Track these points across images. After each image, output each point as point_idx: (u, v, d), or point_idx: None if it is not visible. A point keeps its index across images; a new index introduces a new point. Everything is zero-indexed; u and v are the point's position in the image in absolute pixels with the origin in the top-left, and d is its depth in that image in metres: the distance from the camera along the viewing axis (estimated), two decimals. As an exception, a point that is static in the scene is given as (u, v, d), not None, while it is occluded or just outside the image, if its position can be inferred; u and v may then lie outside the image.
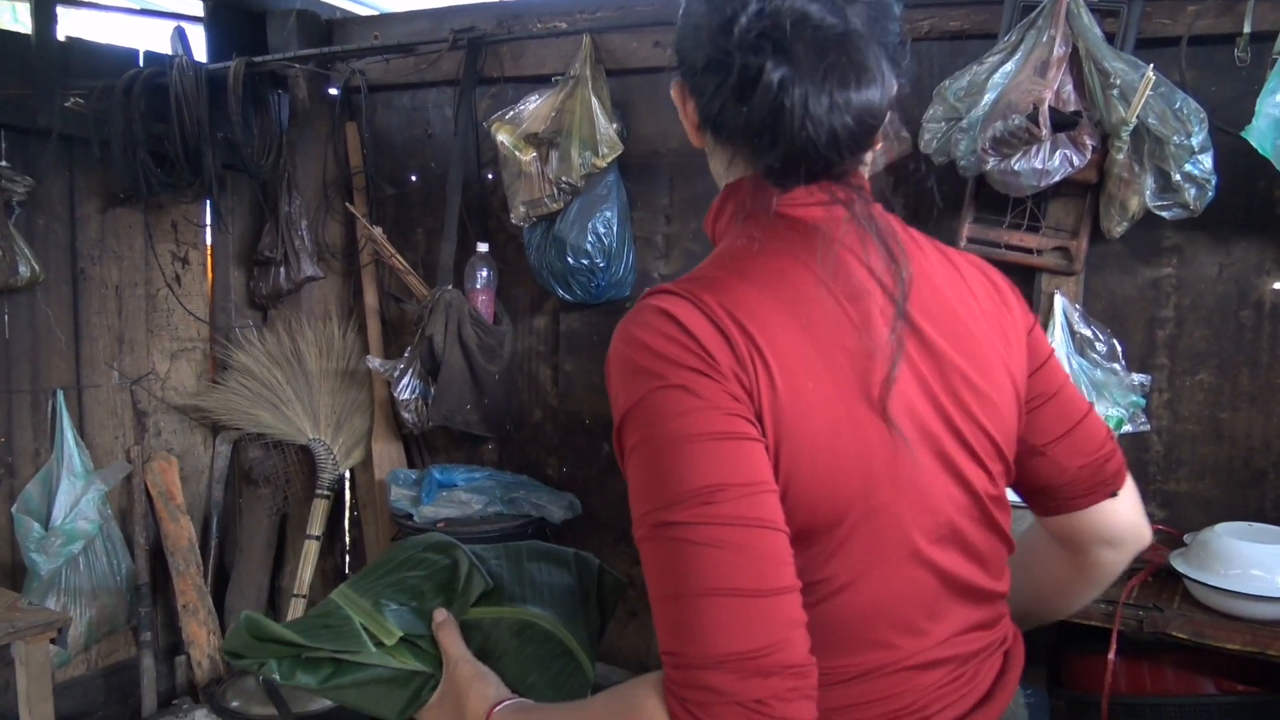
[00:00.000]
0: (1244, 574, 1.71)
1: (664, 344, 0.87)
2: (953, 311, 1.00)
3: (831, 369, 0.90)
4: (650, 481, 0.84)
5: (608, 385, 0.93)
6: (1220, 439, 2.18)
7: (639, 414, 0.86)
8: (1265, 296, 2.12)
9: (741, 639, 0.78)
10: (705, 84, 0.92)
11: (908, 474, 0.92)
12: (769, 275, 0.93)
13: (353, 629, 1.11)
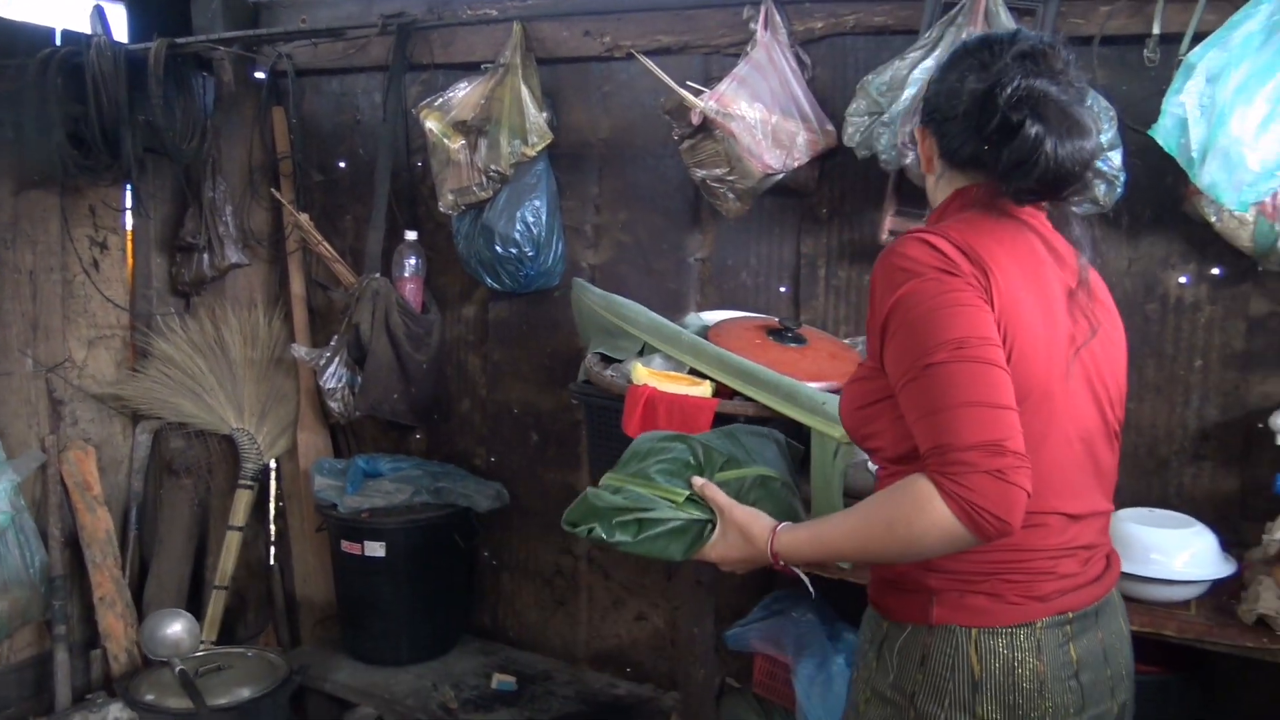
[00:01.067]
0: (1144, 558, 1.77)
1: (923, 254, 1.22)
2: (1096, 295, 1.37)
3: (1036, 295, 1.26)
4: (914, 341, 1.19)
5: (871, 293, 1.28)
6: (1127, 429, 2.24)
7: (905, 298, 1.20)
8: (1170, 290, 2.19)
9: (987, 431, 1.12)
10: (953, 128, 1.31)
11: (1072, 386, 1.29)
12: (995, 230, 1.29)
13: (650, 497, 1.43)
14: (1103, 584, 1.34)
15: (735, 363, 2.10)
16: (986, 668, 1.23)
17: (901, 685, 1.28)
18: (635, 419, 2.11)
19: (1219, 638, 1.70)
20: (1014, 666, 1.24)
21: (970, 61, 1.31)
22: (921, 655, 1.27)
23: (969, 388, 1.14)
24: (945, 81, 1.34)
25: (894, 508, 1.18)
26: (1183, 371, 2.19)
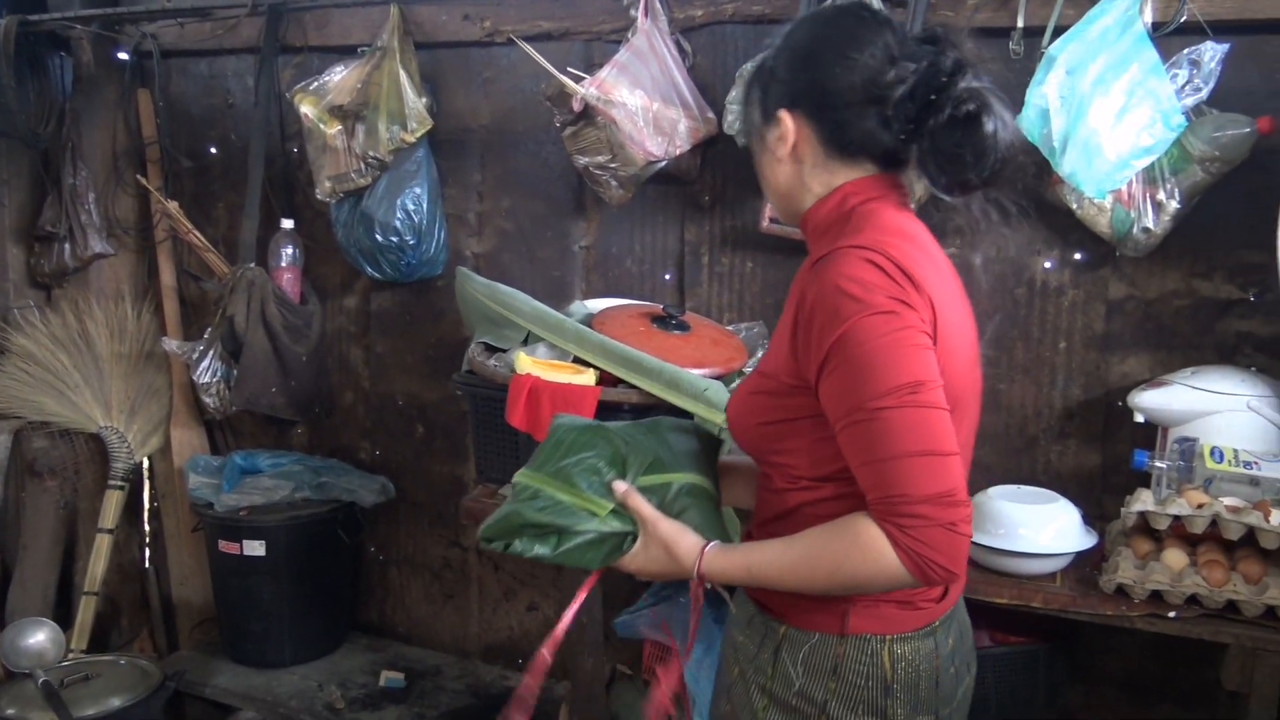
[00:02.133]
0: (1011, 533, 1.84)
1: (874, 278, 1.16)
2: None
3: (956, 308, 1.27)
4: (863, 381, 1.14)
5: (807, 312, 1.19)
6: (999, 408, 2.33)
7: (853, 333, 1.14)
8: (1036, 275, 2.28)
9: (940, 482, 1.12)
10: (852, 116, 1.25)
11: (977, 395, 1.38)
12: (915, 237, 1.26)
13: (569, 508, 1.35)
14: None
15: (619, 350, 2.10)
16: (898, 672, 1.27)
17: (810, 694, 1.29)
18: (519, 409, 2.09)
19: (1082, 607, 1.78)
20: (919, 666, 1.28)
21: (871, 41, 1.24)
22: (834, 665, 1.28)
23: (922, 436, 1.12)
24: (835, 63, 1.25)
25: (841, 553, 1.17)
26: (1048, 353, 2.28)
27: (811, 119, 1.28)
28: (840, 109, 1.25)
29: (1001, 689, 2.02)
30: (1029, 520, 1.85)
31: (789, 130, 1.29)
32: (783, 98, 1.29)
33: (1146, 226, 2.04)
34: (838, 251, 1.19)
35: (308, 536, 2.80)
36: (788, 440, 1.29)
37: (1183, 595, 1.71)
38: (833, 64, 1.25)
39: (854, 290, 1.15)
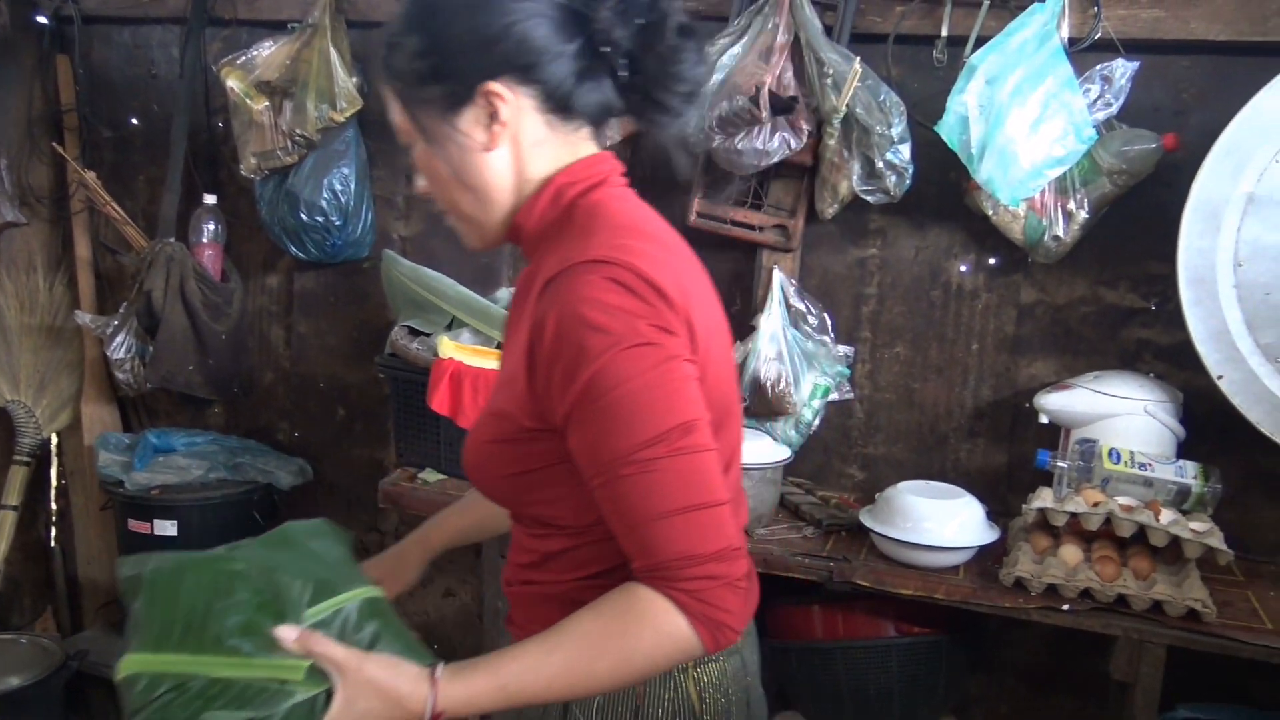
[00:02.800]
0: (917, 526, 1.90)
1: (625, 303, 0.98)
2: None
3: (712, 309, 1.13)
4: (621, 431, 0.97)
5: (545, 349, 1.00)
6: (912, 406, 2.40)
7: (604, 374, 0.96)
8: (952, 278, 2.34)
9: (721, 536, 0.98)
10: (562, 67, 1.05)
11: (738, 398, 1.21)
12: (658, 235, 1.10)
13: (247, 688, 0.96)
14: None
15: (542, 338, 2.11)
16: (706, 701, 1.15)
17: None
18: (441, 393, 2.09)
19: (983, 599, 1.84)
20: (729, 690, 1.17)
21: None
22: (634, 707, 1.12)
23: (697, 488, 0.97)
24: (513, 13, 1.03)
25: (629, 638, 0.98)
26: (961, 354, 2.35)
27: (524, 82, 1.05)
28: (556, 59, 1.04)
29: (904, 678, 2.08)
30: (934, 514, 1.91)
31: (503, 105, 1.05)
32: (475, 71, 1.05)
33: (1057, 235, 2.11)
34: (574, 269, 1.00)
35: (222, 518, 2.75)
36: (543, 490, 1.11)
37: (1076, 589, 1.78)
38: (510, 19, 1.03)
39: (601, 320, 0.96)
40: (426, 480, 2.26)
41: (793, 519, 2.16)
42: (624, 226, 1.06)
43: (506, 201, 1.12)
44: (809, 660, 2.15)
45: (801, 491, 2.28)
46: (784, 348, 2.32)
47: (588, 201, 1.10)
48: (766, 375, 2.30)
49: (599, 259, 1.00)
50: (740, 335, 2.40)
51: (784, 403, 2.31)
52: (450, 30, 1.05)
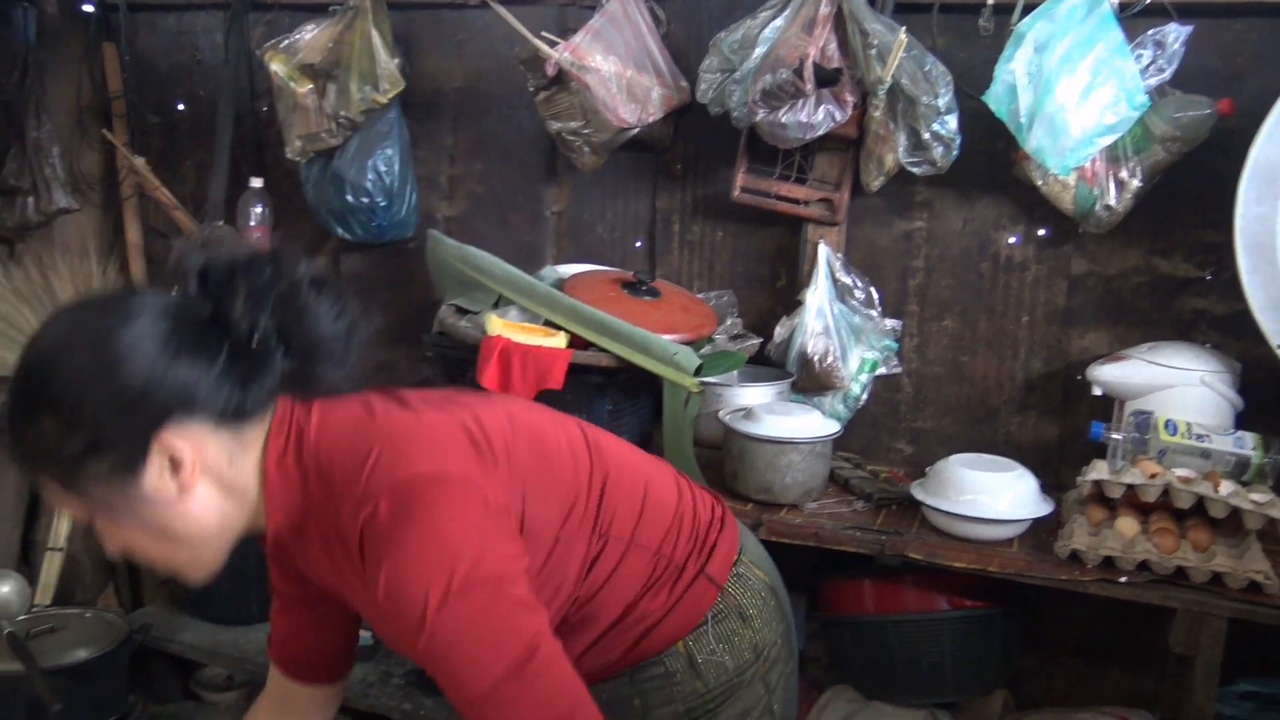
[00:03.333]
0: (971, 499, 1.89)
1: (440, 525, 0.98)
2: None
3: (505, 413, 1.17)
4: (477, 667, 0.96)
5: (381, 607, 0.97)
6: (961, 380, 2.38)
7: (440, 631, 0.95)
8: (1001, 249, 2.32)
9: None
10: (220, 392, 1.00)
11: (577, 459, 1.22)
12: (422, 420, 1.09)
13: None
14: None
15: (590, 314, 2.12)
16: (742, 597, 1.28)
17: (707, 673, 1.24)
18: (490, 370, 2.11)
19: (1037, 571, 1.83)
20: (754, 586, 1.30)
21: (158, 326, 0.98)
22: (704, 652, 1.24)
23: (555, 703, 0.97)
24: (149, 357, 0.96)
25: None
26: (1011, 327, 2.33)
27: (191, 416, 1.00)
28: (213, 384, 1.00)
29: (957, 652, 2.07)
30: (988, 487, 1.89)
31: (184, 448, 0.99)
32: (139, 430, 0.98)
33: (1109, 204, 2.08)
34: (369, 523, 0.99)
35: (275, 496, 2.80)
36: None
37: (1133, 561, 1.76)
38: (151, 348, 0.97)
39: (417, 577, 0.96)
40: (476, 458, 2.28)
41: (842, 493, 2.16)
42: (360, 446, 1.03)
43: (234, 523, 1.07)
44: (860, 634, 2.15)
45: (850, 466, 2.27)
46: (831, 322, 2.31)
47: (311, 451, 1.05)
48: (814, 350, 2.29)
49: (380, 494, 0.99)
50: (787, 310, 2.39)
51: (831, 377, 2.30)
52: (90, 400, 0.96)
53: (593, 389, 2.16)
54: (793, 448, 2.02)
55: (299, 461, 1.05)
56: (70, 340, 0.99)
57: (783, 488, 2.03)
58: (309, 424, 1.06)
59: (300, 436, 1.05)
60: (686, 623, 1.23)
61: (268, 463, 1.05)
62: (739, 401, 2.25)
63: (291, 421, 1.06)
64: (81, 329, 0.99)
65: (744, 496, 2.07)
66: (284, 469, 1.05)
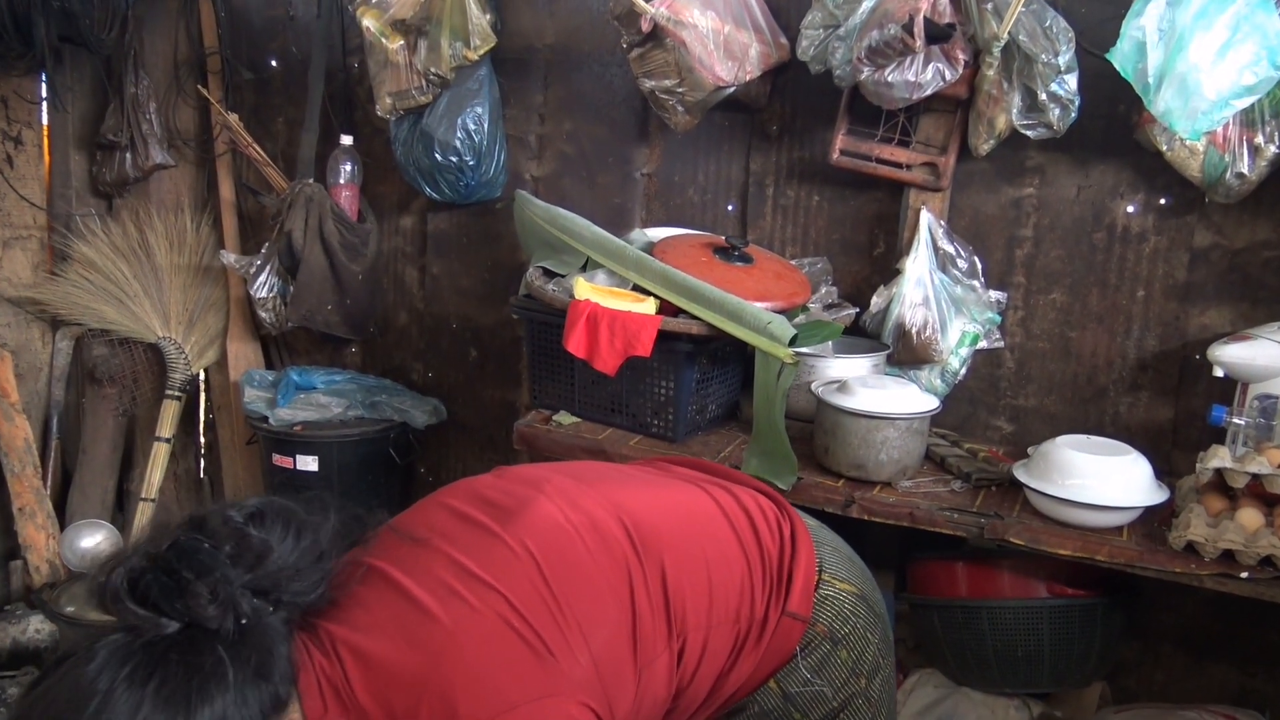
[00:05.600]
0: (1079, 484, 1.78)
1: None
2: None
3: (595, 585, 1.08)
4: None
5: None
6: (1068, 356, 2.26)
7: None
8: (1118, 219, 2.18)
9: None
10: (246, 701, 0.91)
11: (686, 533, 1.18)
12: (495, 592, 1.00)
13: None
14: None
15: (680, 280, 2.06)
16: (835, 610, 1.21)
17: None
18: (577, 335, 2.06)
19: (1149, 563, 1.73)
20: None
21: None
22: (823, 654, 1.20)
23: None
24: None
25: None
26: (1125, 301, 2.20)
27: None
28: (239, 693, 0.90)
29: (1056, 641, 1.98)
30: (1099, 471, 1.79)
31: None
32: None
33: (1241, 172, 1.94)
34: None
35: (360, 454, 2.82)
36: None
37: (1256, 556, 1.65)
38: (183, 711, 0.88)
39: None
40: (561, 423, 2.24)
41: (938, 471, 2.07)
42: (405, 697, 0.94)
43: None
44: (952, 618, 2.07)
45: (947, 444, 2.18)
46: (931, 293, 2.21)
47: (353, 702, 0.96)
48: (912, 321, 2.20)
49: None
50: (884, 279, 2.30)
51: (930, 350, 2.20)
52: None
53: (681, 357, 2.10)
54: (888, 423, 1.93)
55: (345, 714, 0.96)
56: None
57: (876, 465, 1.95)
58: (337, 672, 0.96)
59: (335, 691, 0.96)
60: (775, 664, 1.16)
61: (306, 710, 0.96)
62: (832, 374, 2.17)
63: (318, 673, 0.97)
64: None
65: (835, 473, 2.00)
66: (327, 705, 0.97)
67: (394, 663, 0.94)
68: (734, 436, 2.23)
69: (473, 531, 1.05)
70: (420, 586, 0.98)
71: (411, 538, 1.05)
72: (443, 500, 1.11)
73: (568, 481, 1.13)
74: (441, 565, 1.01)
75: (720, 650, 1.11)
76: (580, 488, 1.12)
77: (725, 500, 1.20)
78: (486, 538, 1.04)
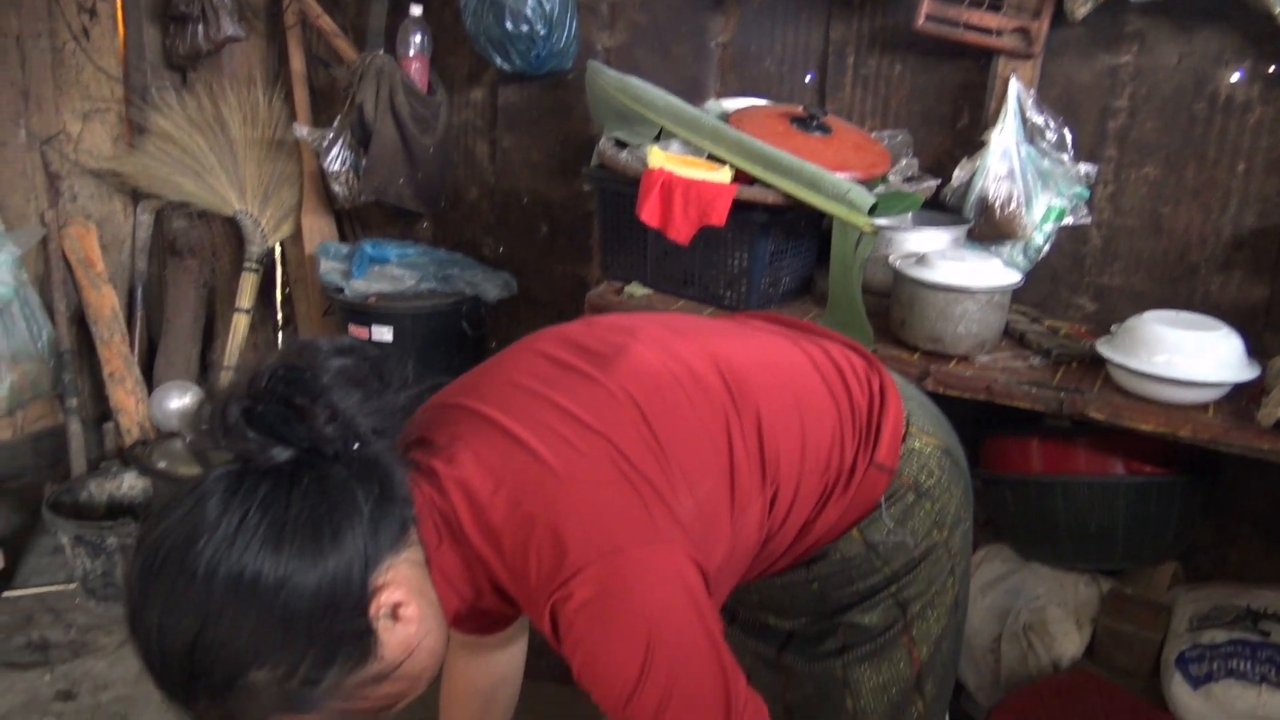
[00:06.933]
0: (1166, 360, 1.74)
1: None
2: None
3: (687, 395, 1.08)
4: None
5: (612, 658, 0.92)
6: (1159, 233, 2.18)
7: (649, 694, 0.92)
8: (1221, 89, 2.07)
9: None
10: (377, 526, 0.92)
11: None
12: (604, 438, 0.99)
13: None
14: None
15: (757, 148, 2.01)
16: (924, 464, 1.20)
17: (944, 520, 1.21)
18: (651, 204, 2.04)
19: (1235, 439, 1.69)
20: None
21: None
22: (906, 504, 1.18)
23: None
24: (325, 549, 0.88)
25: None
26: (1224, 175, 2.10)
27: (380, 567, 0.93)
28: (371, 518, 0.91)
29: (1131, 519, 1.96)
30: (1188, 346, 1.74)
31: (394, 594, 0.93)
32: (357, 612, 0.90)
33: (1360, 34, 1.82)
34: (643, 571, 0.93)
35: (433, 326, 2.85)
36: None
37: (1348, 435, 1.61)
38: (313, 544, 0.88)
39: (620, 675, 0.91)
40: (633, 294, 2.24)
41: (1017, 347, 2.03)
42: (517, 526, 0.93)
43: (442, 626, 1.00)
44: (1025, 494, 2.06)
45: (1027, 320, 2.14)
46: (1016, 165, 2.14)
47: (463, 534, 0.96)
48: (995, 195, 2.13)
49: (554, 585, 0.92)
50: (967, 152, 2.22)
51: (1013, 225, 2.14)
52: (288, 634, 0.87)
53: (755, 228, 2.07)
54: (968, 296, 1.90)
55: (457, 547, 0.97)
56: (211, 606, 0.85)
57: (954, 338, 1.92)
58: (447, 505, 0.96)
59: (446, 523, 0.97)
60: (860, 513, 1.16)
61: (430, 556, 0.97)
62: (910, 247, 2.12)
63: (429, 505, 0.96)
64: (214, 588, 0.85)
65: (911, 346, 1.98)
66: (444, 559, 0.97)
67: (502, 502, 0.94)
68: (807, 310, 2.21)
69: (572, 377, 1.04)
70: (526, 430, 0.97)
71: (510, 383, 1.04)
72: (535, 346, 1.11)
73: (660, 329, 1.12)
74: (545, 410, 0.99)
75: (809, 499, 1.11)
76: (673, 335, 1.11)
77: (814, 352, 1.18)
78: (588, 383, 1.02)
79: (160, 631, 0.86)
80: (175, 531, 0.87)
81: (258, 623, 0.85)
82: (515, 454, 0.96)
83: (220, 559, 0.85)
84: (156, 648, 0.87)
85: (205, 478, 0.90)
